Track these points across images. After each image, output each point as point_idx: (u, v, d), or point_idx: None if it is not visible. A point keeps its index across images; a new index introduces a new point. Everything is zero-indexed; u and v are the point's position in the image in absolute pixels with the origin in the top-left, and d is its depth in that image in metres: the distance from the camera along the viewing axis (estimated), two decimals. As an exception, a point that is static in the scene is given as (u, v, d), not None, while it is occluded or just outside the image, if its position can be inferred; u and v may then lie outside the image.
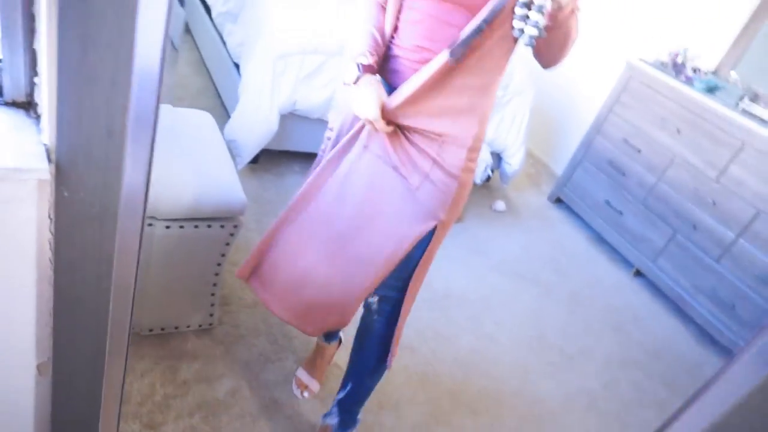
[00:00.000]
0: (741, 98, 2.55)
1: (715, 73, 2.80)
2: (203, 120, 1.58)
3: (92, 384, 0.91)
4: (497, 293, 2.35)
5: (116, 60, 0.64)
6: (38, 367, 0.89)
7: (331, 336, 1.61)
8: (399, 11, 1.10)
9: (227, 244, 1.41)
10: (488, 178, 3.03)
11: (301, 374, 1.61)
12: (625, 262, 2.90)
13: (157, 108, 0.69)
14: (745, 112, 2.49)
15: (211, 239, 1.37)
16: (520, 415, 1.82)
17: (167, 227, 1.29)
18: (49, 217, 0.76)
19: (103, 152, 0.69)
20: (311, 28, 2.26)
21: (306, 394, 1.58)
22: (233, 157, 2.30)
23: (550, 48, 1.03)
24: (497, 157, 2.96)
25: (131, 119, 0.68)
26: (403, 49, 1.10)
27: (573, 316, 2.40)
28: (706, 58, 2.84)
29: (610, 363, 2.21)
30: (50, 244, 0.79)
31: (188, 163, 1.36)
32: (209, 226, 1.34)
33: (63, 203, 0.75)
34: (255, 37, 2.34)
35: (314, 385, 1.60)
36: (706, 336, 2.56)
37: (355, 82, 1.06)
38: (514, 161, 2.92)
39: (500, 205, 2.95)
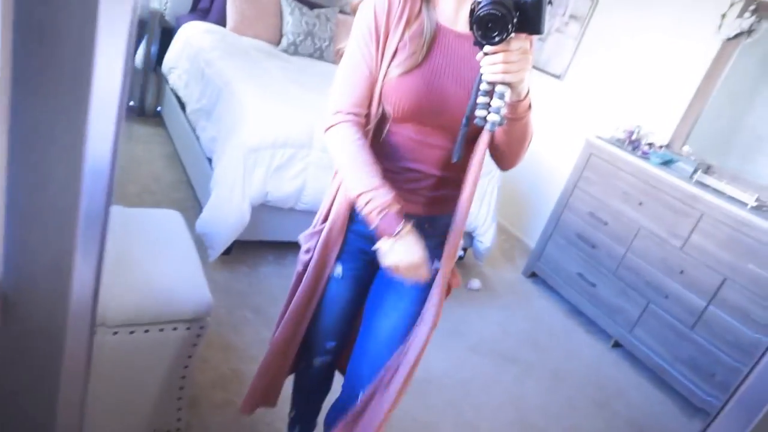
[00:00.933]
0: (695, 171, 2.68)
1: (668, 147, 2.96)
2: (170, 218, 1.61)
3: None
4: (477, 375, 2.32)
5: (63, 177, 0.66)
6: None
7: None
8: (379, 135, 1.12)
9: (194, 345, 1.39)
10: (461, 258, 3.07)
11: None
12: (603, 334, 2.90)
13: (107, 212, 0.69)
14: (700, 184, 2.61)
15: (176, 342, 1.35)
16: (506, 507, 1.74)
17: (131, 332, 1.28)
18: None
19: (52, 277, 0.70)
20: (281, 122, 2.35)
21: None
22: (206, 249, 2.31)
23: (510, 144, 1.07)
24: (469, 236, 3.02)
25: (80, 237, 0.69)
26: (387, 169, 1.10)
27: (555, 394, 2.36)
28: (660, 133, 3.01)
29: (595, 443, 2.15)
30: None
31: (152, 266, 1.37)
32: (174, 329, 1.33)
33: (7, 332, 0.75)
34: (227, 132, 2.42)
35: None
36: (690, 406, 2.53)
37: (395, 234, 1.01)
38: (485, 239, 2.97)
39: (475, 283, 2.97)
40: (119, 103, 0.60)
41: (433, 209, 1.17)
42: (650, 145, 2.93)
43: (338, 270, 1.22)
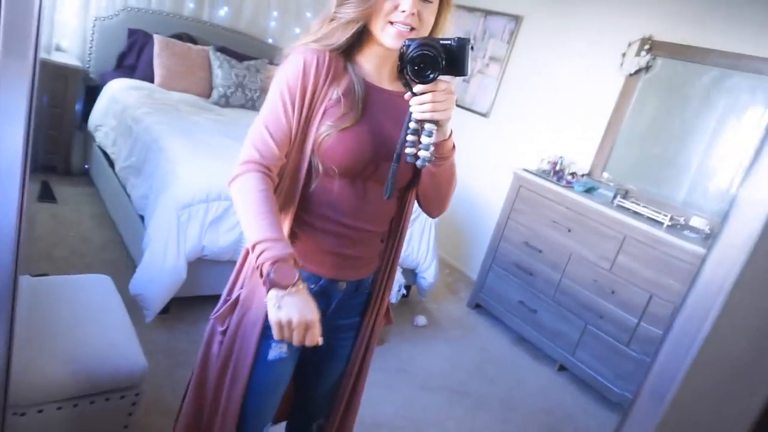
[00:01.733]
0: (615, 196, 2.87)
1: (589, 175, 3.15)
2: (99, 283, 1.55)
3: None
4: (428, 412, 2.31)
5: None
6: None
7: None
8: (304, 186, 1.09)
9: (129, 414, 1.33)
10: (405, 296, 3.10)
11: None
12: (548, 359, 2.98)
13: (14, 284, 0.67)
14: (620, 208, 2.78)
15: (109, 413, 1.29)
16: None
17: (58, 408, 1.20)
18: None
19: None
20: (213, 176, 2.34)
21: None
22: (142, 310, 2.22)
23: (439, 186, 1.11)
24: (412, 273, 3.06)
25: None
26: (319, 220, 1.09)
27: (507, 424, 2.39)
28: (581, 162, 3.21)
29: (549, 469, 2.18)
30: None
31: (80, 335, 1.31)
32: (107, 400, 1.26)
33: None
34: (158, 189, 2.38)
35: None
36: (635, 423, 2.61)
37: (289, 287, 0.94)
38: (428, 274, 3.02)
39: (421, 320, 3.00)
40: (21, 167, 0.59)
41: (362, 271, 1.17)
42: (573, 174, 3.11)
43: (282, 349, 1.14)
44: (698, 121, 2.82)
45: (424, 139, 0.99)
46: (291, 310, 0.92)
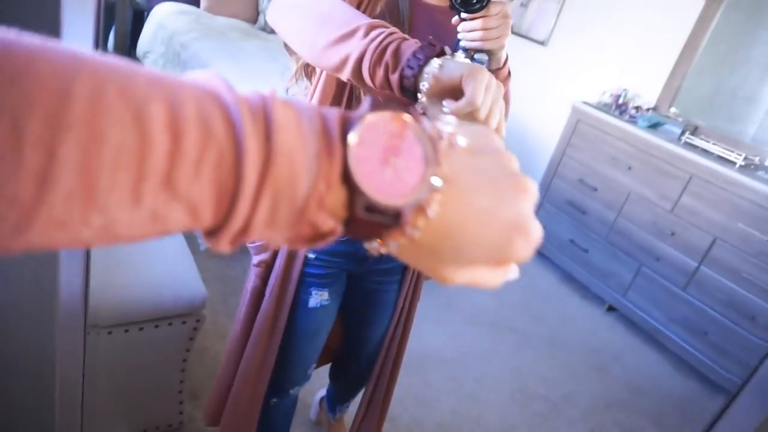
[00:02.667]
0: (683, 132, 2.68)
1: (655, 109, 2.94)
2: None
3: None
4: (474, 348, 2.33)
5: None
6: None
7: (335, 408, 1.60)
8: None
9: (191, 339, 1.38)
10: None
11: None
12: (597, 299, 2.93)
13: None
14: (688, 145, 2.60)
15: (172, 337, 1.33)
16: (511, 476, 1.78)
17: (126, 331, 1.25)
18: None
19: (39, 283, 0.68)
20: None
21: None
22: (196, 238, 2.27)
23: None
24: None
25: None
26: None
27: (553, 361, 2.39)
28: (646, 96, 2.99)
29: (595, 406, 2.19)
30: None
31: (142, 263, 1.34)
32: (170, 324, 1.31)
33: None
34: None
35: None
36: (685, 365, 2.58)
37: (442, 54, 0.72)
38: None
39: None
40: None
41: None
42: (637, 108, 2.91)
43: (323, 296, 1.12)
44: (787, 51, 2.55)
45: (480, 57, 0.86)
46: (486, 70, 0.70)
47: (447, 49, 0.73)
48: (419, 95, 0.72)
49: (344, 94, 0.94)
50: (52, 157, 0.21)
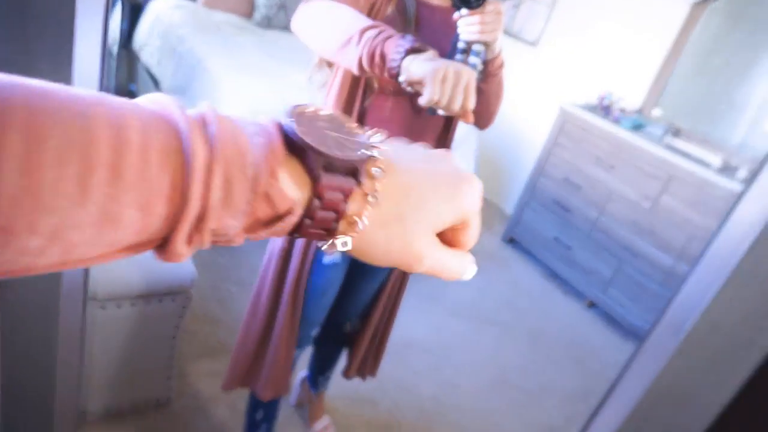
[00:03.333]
0: (665, 134, 2.76)
1: (639, 112, 3.02)
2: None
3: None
4: (456, 338, 2.41)
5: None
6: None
7: (316, 383, 1.70)
8: (360, 102, 1.11)
9: (180, 316, 1.45)
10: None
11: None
12: (579, 295, 3.01)
13: None
14: (669, 147, 2.68)
15: (162, 314, 1.40)
16: (485, 458, 1.85)
17: (118, 306, 1.32)
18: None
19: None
20: (257, 96, 2.36)
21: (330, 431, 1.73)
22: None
23: (487, 99, 1.14)
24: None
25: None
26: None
27: (533, 353, 2.47)
28: (631, 98, 3.07)
29: (571, 396, 2.27)
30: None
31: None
32: (160, 302, 1.38)
33: (5, 300, 0.79)
34: (203, 109, 2.43)
35: (326, 430, 1.73)
36: (660, 360, 2.66)
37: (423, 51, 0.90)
38: (464, 207, 3.03)
39: (455, 250, 3.05)
40: (99, 74, 0.64)
41: None
42: (622, 110, 2.99)
43: (336, 254, 1.23)
44: (766, 57, 2.63)
45: (471, 59, 1.01)
46: (444, 64, 0.87)
47: (422, 45, 0.90)
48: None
49: (360, 82, 1.09)
50: None
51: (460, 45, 1.02)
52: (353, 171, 0.31)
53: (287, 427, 1.73)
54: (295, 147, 0.30)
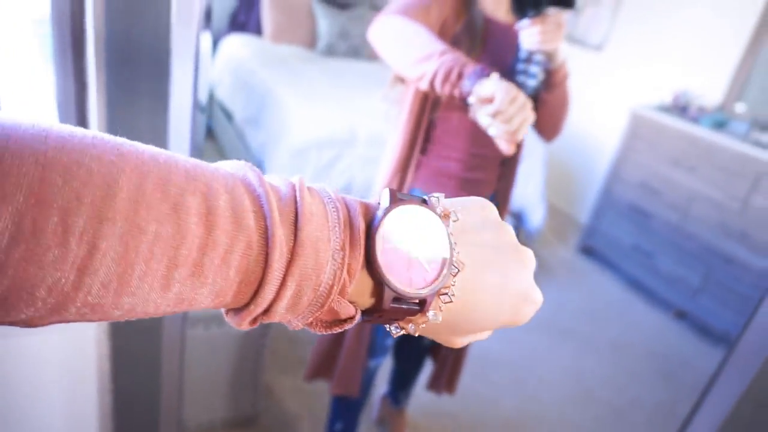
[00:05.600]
0: (750, 130, 2.59)
1: (721, 108, 2.86)
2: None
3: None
4: (534, 352, 2.34)
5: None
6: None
7: (397, 396, 1.71)
8: (427, 123, 1.16)
9: (263, 336, 1.51)
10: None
11: None
12: (664, 304, 2.85)
13: None
14: (757, 143, 2.52)
15: (247, 334, 1.47)
16: (574, 477, 1.78)
17: (206, 328, 1.40)
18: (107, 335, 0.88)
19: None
20: (324, 122, 2.45)
21: None
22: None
23: (553, 111, 1.15)
24: (518, 217, 3.03)
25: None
26: (441, 146, 1.18)
27: (617, 366, 2.35)
28: (709, 95, 2.91)
29: (660, 411, 2.14)
30: (109, 350, 0.90)
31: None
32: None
33: (116, 340, 0.86)
34: (275, 137, 2.55)
35: None
36: (763, 373, 2.45)
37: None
38: (535, 218, 2.97)
39: (528, 262, 2.98)
40: (192, 109, 0.71)
41: (483, 193, 1.25)
42: (701, 108, 2.84)
43: None
44: None
45: (533, 68, 1.04)
46: (505, 85, 0.90)
47: (493, 74, 0.94)
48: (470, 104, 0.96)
49: (429, 98, 1.14)
50: (94, 249, 0.23)
51: (522, 55, 1.04)
52: (422, 301, 0.32)
53: (370, 442, 1.75)
54: (372, 264, 0.30)
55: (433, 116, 1.16)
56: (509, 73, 1.09)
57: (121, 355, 0.91)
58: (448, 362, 1.48)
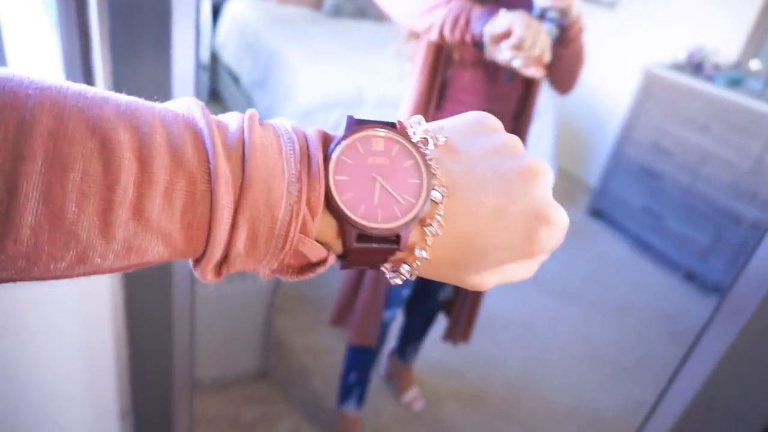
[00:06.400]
0: (766, 86, 2.53)
1: (737, 65, 2.79)
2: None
3: (166, 426, 1.03)
4: (541, 312, 2.37)
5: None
6: (121, 413, 1.02)
7: (404, 354, 1.75)
8: (441, 80, 1.17)
9: (274, 291, 1.54)
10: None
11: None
12: (673, 266, 2.85)
13: None
14: (772, 100, 2.46)
15: (257, 291, 1.50)
16: (578, 431, 1.82)
17: (216, 285, 1.43)
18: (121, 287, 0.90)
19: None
20: (331, 83, 2.43)
21: (419, 402, 1.78)
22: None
23: (566, 67, 1.15)
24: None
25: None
26: (454, 102, 1.19)
27: (624, 327, 2.37)
28: (725, 52, 2.84)
29: (670, 372, 2.16)
30: (123, 308, 0.92)
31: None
32: (253, 279, 1.47)
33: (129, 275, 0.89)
34: (282, 99, 2.53)
35: (416, 401, 1.78)
36: (770, 332, 2.47)
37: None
38: (544, 180, 2.95)
39: (536, 224, 2.98)
40: (195, 60, 0.71)
41: None
42: (716, 65, 2.77)
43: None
44: None
45: (546, 26, 1.03)
46: (528, 15, 0.95)
47: (501, 10, 0.96)
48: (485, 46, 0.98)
49: (441, 55, 1.14)
50: (14, 189, 0.21)
51: (535, 12, 1.04)
52: (396, 236, 0.28)
53: (378, 397, 1.79)
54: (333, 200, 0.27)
55: (446, 75, 1.17)
56: None
57: (135, 309, 0.94)
58: (463, 315, 1.51)
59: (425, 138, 0.30)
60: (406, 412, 1.77)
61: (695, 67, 2.82)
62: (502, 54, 0.95)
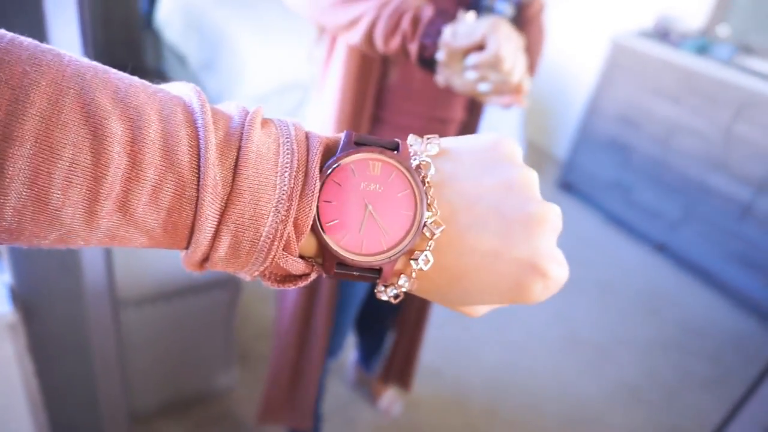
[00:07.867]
0: (734, 54, 2.47)
1: (705, 32, 2.72)
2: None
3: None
4: (519, 296, 2.29)
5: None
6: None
7: (369, 363, 1.61)
8: (376, 89, 0.91)
9: (232, 305, 1.39)
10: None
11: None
12: (645, 239, 2.82)
13: None
14: (741, 68, 2.41)
15: (214, 306, 1.34)
16: (563, 421, 1.76)
17: (168, 301, 1.27)
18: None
19: (62, 270, 0.67)
20: (286, 64, 2.24)
21: (396, 406, 1.66)
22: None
23: (527, 48, 0.98)
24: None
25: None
26: (398, 114, 0.95)
27: (603, 306, 2.32)
28: (692, 18, 2.77)
29: (649, 349, 2.13)
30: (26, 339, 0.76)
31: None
32: (208, 294, 1.32)
33: (35, 336, 0.72)
34: (233, 83, 2.33)
35: (393, 404, 1.66)
36: (742, 303, 2.47)
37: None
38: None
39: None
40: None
41: None
42: (682, 33, 2.70)
43: None
44: None
45: (499, 5, 0.86)
46: (498, 19, 0.69)
47: (469, 13, 0.71)
48: (436, 64, 0.70)
49: (373, 59, 0.86)
50: (0, 170, 0.21)
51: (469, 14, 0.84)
52: (378, 269, 0.27)
53: (354, 405, 1.68)
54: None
55: (387, 81, 0.90)
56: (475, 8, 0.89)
57: (43, 353, 0.78)
58: (399, 353, 1.39)
59: (427, 162, 0.27)
60: (384, 417, 1.66)
61: (662, 34, 2.74)
62: (466, 75, 0.69)
